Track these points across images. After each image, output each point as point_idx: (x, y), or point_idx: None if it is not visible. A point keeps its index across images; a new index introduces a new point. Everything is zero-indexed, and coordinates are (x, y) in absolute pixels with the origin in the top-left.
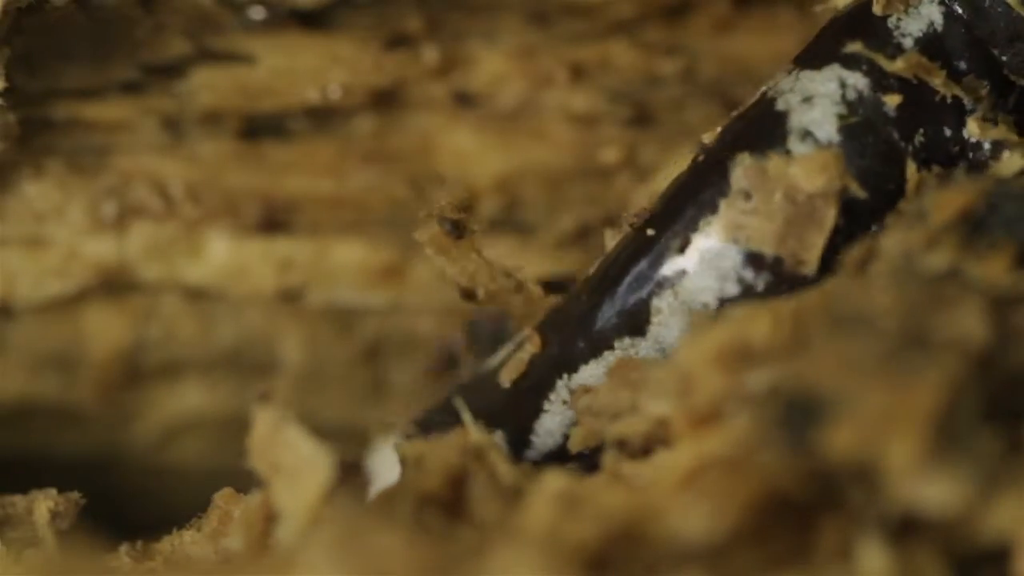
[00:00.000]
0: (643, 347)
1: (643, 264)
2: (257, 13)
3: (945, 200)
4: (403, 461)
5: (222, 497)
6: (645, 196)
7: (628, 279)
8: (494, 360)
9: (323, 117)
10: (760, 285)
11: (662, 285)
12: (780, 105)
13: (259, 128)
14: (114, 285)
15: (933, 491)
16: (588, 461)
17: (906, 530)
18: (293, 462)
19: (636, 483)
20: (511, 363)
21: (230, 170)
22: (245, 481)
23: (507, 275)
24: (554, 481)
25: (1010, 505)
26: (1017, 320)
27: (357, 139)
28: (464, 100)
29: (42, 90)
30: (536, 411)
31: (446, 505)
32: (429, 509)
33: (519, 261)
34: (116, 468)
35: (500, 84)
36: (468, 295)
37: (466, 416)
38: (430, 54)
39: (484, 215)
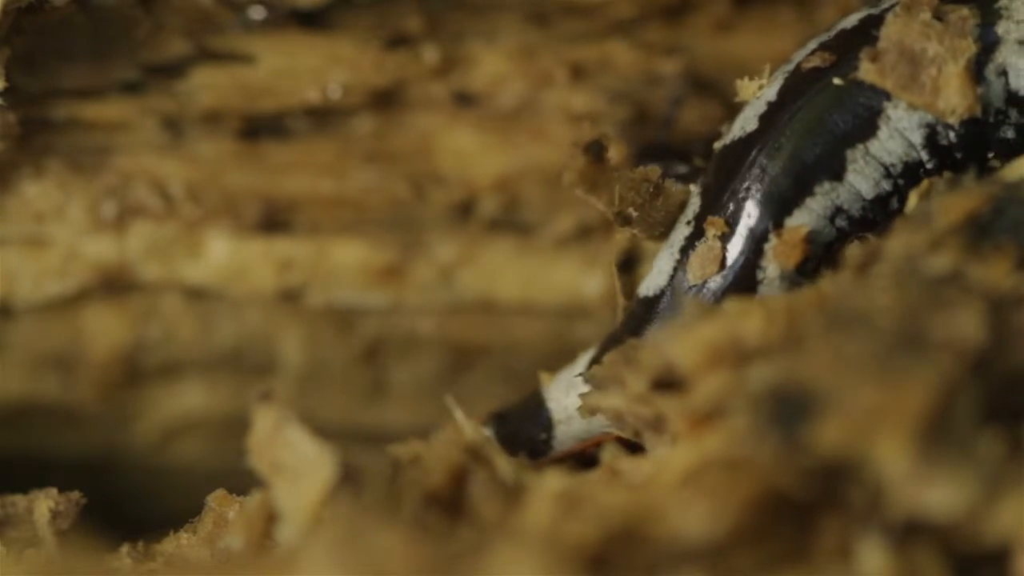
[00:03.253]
0: (842, 192)
1: (835, 113)
2: (257, 13)
3: (951, 203)
4: (400, 461)
5: (216, 499)
6: None
7: (817, 125)
8: (658, 279)
9: (323, 117)
10: (932, 164)
11: (854, 137)
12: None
13: (259, 128)
14: (114, 285)
15: (936, 495)
16: None
17: (907, 531)
18: (294, 462)
19: (634, 479)
20: (696, 261)
21: (230, 170)
22: (246, 481)
23: (646, 180)
24: (554, 481)
25: (1012, 507)
26: (1017, 322)
27: (357, 139)
28: (464, 100)
29: (42, 90)
30: (752, 287)
31: (446, 504)
32: (430, 508)
33: (519, 261)
34: (116, 468)
35: (500, 84)
36: (624, 220)
37: (458, 414)
38: (430, 54)
39: (484, 215)
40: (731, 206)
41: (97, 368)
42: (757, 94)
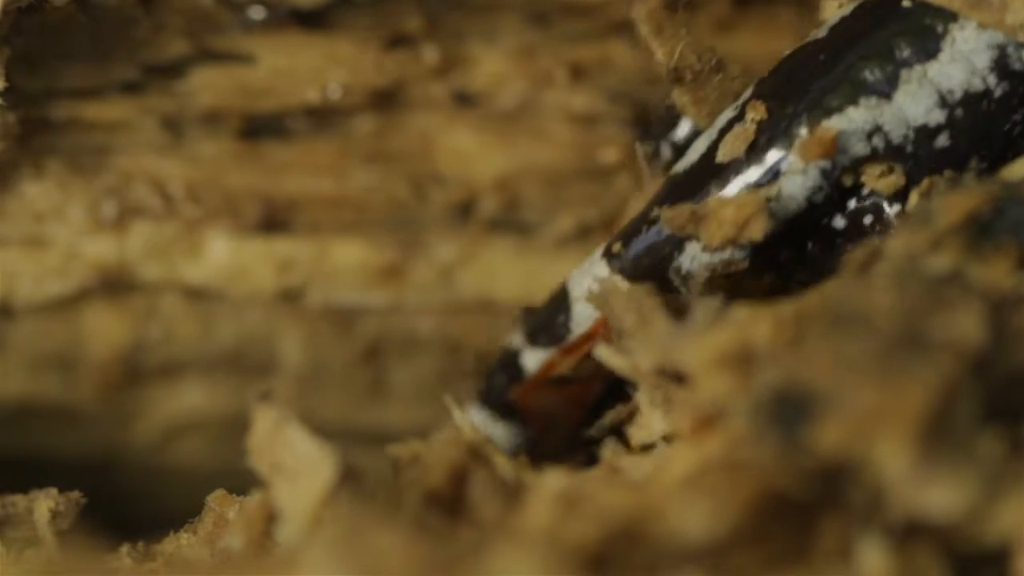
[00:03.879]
0: (887, 111)
1: (899, 34)
2: (257, 13)
3: (952, 203)
4: (400, 461)
5: (215, 499)
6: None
7: (879, 43)
8: (691, 157)
9: (323, 117)
10: (1001, 90)
11: (913, 59)
12: None
13: (259, 128)
14: (114, 285)
15: (936, 496)
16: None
17: (907, 532)
18: (294, 462)
19: (634, 476)
20: (730, 140)
21: (230, 170)
22: (246, 481)
23: (711, 51)
24: (554, 480)
25: (1012, 508)
26: (1018, 322)
27: (357, 139)
28: (464, 100)
29: (42, 90)
30: (775, 176)
31: (446, 504)
32: (430, 508)
33: (519, 261)
34: (116, 468)
35: (500, 84)
36: (677, 78)
37: (456, 414)
38: (430, 54)
39: (484, 215)
40: (776, 97)
41: (97, 368)
42: (835, 13)
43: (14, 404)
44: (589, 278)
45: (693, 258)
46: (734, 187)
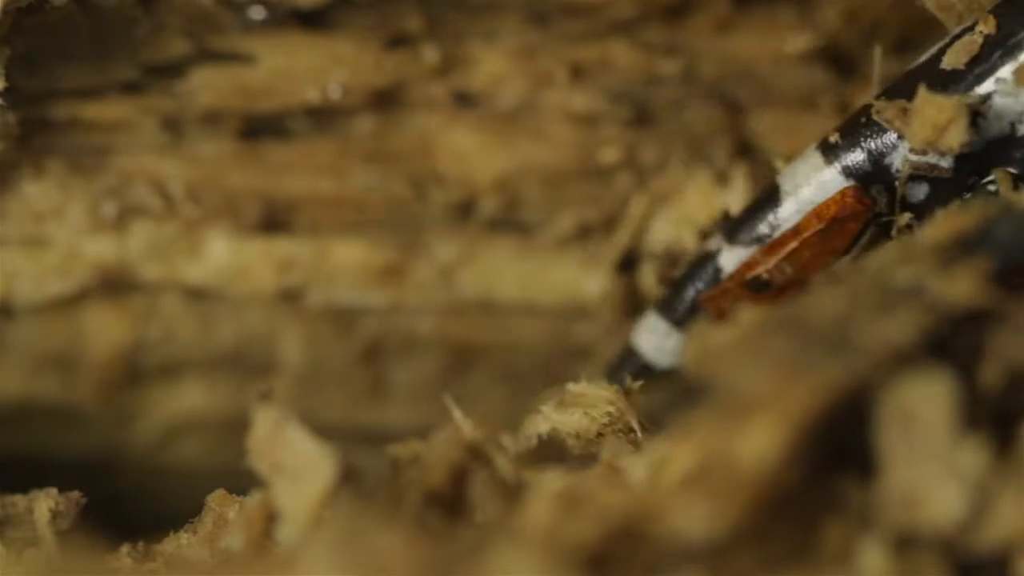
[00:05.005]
0: None
1: None
2: (257, 13)
3: (940, 223)
4: (400, 461)
5: (215, 499)
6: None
7: None
8: (921, 57)
9: (323, 117)
10: None
11: None
12: None
13: (259, 128)
14: (114, 285)
15: (928, 511)
16: None
17: (907, 537)
18: (294, 462)
19: (634, 476)
20: (956, 48)
21: (230, 170)
22: (246, 481)
23: None
24: (554, 480)
25: (1006, 512)
26: (992, 335)
27: (357, 139)
28: (464, 100)
29: (42, 90)
30: (988, 91)
31: (446, 504)
32: (430, 508)
33: (519, 261)
34: (116, 468)
35: (500, 84)
36: None
37: (456, 414)
38: (430, 54)
39: (484, 215)
40: (1010, 16)
41: (97, 368)
42: None
43: (14, 404)
44: (801, 172)
45: (903, 158)
46: (948, 94)
